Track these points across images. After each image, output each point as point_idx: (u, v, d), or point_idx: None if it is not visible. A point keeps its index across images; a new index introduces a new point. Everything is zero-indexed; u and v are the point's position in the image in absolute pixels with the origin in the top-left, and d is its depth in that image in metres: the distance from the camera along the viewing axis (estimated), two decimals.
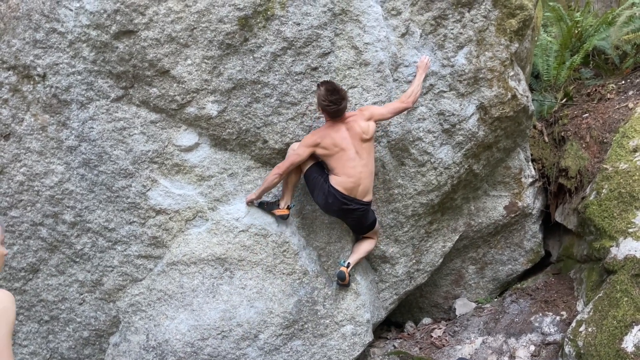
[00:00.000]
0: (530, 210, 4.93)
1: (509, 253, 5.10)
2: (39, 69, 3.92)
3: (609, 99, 5.26)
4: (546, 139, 5.15)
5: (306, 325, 4.23)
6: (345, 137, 3.81)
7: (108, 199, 4.15)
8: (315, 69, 3.96)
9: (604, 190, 4.11)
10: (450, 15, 4.01)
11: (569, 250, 4.70)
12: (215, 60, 3.88)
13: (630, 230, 3.69)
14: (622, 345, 3.14)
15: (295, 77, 3.96)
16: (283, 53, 3.90)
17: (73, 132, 4.03)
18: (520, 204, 4.87)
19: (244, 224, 4.17)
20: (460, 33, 4.05)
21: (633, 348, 3.08)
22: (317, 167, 3.93)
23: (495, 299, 4.96)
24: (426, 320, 5.18)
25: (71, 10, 3.79)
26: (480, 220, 4.89)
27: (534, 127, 5.48)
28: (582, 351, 3.44)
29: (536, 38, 7.36)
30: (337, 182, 3.86)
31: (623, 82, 5.55)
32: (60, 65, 3.92)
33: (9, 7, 3.89)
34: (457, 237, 4.86)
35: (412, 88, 3.91)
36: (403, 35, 4.01)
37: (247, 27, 3.83)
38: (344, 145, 3.81)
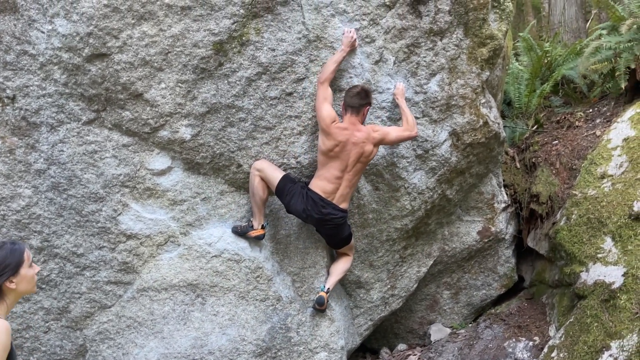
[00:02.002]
0: (503, 236, 4.98)
1: (483, 278, 5.12)
2: (8, 91, 3.86)
3: (577, 126, 5.40)
4: (518, 165, 5.24)
5: (279, 353, 4.15)
6: (350, 147, 3.82)
7: (77, 223, 4.06)
8: (290, 94, 3.98)
9: (573, 216, 4.19)
10: (423, 44, 4.08)
11: (541, 275, 4.75)
12: (190, 84, 3.87)
13: (599, 255, 3.75)
14: None
15: (270, 102, 3.97)
16: (258, 78, 3.92)
17: (42, 155, 3.95)
18: (493, 229, 4.92)
19: (216, 249, 4.11)
20: (433, 61, 4.12)
21: None
22: (288, 178, 3.93)
23: (470, 325, 4.96)
24: (401, 347, 5.15)
25: (43, 32, 3.75)
26: (454, 245, 4.91)
27: (506, 153, 5.58)
28: None
29: (507, 67, 7.56)
30: (317, 185, 3.89)
31: (591, 110, 5.71)
32: (31, 88, 3.86)
33: None
34: (432, 262, 4.87)
35: (409, 117, 3.98)
36: (377, 62, 4.07)
37: (222, 52, 3.84)
38: (343, 155, 3.82)
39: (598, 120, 5.35)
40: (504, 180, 5.03)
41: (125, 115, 3.90)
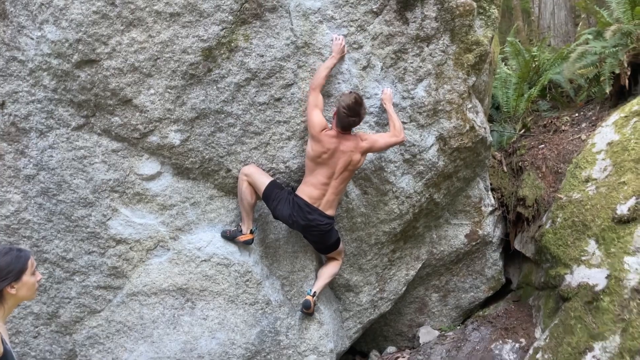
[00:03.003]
0: (490, 239, 5.03)
1: (471, 281, 5.17)
2: None
3: (563, 130, 5.47)
4: (505, 168, 5.30)
5: (269, 356, 4.18)
6: (338, 155, 3.85)
7: (67, 228, 4.07)
8: (278, 99, 4.02)
9: (558, 219, 4.25)
10: (410, 50, 4.13)
11: (528, 277, 4.81)
12: (179, 90, 3.90)
13: (583, 258, 3.81)
14: None
15: (259, 107, 4.01)
16: (247, 84, 3.95)
17: (31, 160, 3.96)
18: (480, 232, 4.97)
19: (206, 254, 4.13)
20: (420, 66, 4.17)
21: None
22: (276, 183, 3.97)
23: (458, 327, 5.00)
24: (391, 349, 5.18)
25: (32, 38, 3.77)
26: (442, 249, 4.96)
27: (494, 157, 5.64)
28: None
29: (495, 71, 7.64)
30: (303, 191, 3.93)
31: (577, 114, 5.78)
32: (20, 94, 3.88)
33: None
34: (420, 265, 4.91)
35: (396, 123, 4.01)
36: (364, 68, 4.11)
37: (210, 58, 3.87)
38: (331, 162, 3.85)
39: (584, 125, 5.43)
40: (491, 184, 5.09)
41: (114, 121, 3.92)
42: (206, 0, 3.78)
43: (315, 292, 4.13)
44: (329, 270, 4.25)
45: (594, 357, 3.17)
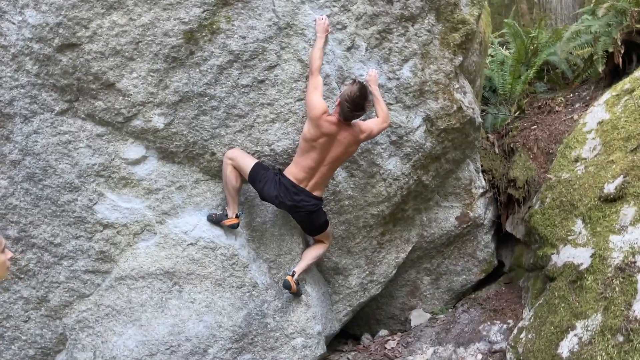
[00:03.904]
0: (481, 221, 5.00)
1: (463, 263, 5.15)
2: None
3: (557, 111, 5.41)
4: (497, 150, 5.25)
5: (256, 339, 4.19)
6: (333, 143, 3.79)
7: (53, 213, 4.09)
8: (262, 81, 3.99)
9: (547, 200, 4.20)
10: (395, 30, 4.09)
11: (519, 259, 4.78)
12: (161, 73, 3.88)
13: (569, 237, 3.77)
14: (558, 351, 3.19)
15: (242, 90, 3.99)
16: (229, 66, 3.93)
17: (17, 145, 3.97)
18: (471, 214, 4.94)
19: (192, 237, 4.14)
20: (405, 47, 4.13)
21: (568, 353, 3.12)
22: (261, 165, 3.95)
23: (450, 310, 4.99)
24: (382, 332, 5.19)
25: (14, 23, 3.76)
26: (432, 231, 4.94)
27: (487, 139, 5.59)
28: (521, 357, 3.48)
29: (493, 54, 7.55)
30: (290, 171, 3.90)
31: (571, 95, 5.71)
32: (4, 79, 3.88)
33: None
34: (410, 248, 4.89)
35: (383, 106, 3.94)
36: (349, 48, 4.08)
37: (192, 41, 3.85)
38: (324, 148, 3.80)
39: (577, 105, 5.36)
40: (482, 166, 5.05)
41: (98, 105, 3.92)
42: None
43: (294, 271, 4.12)
44: (313, 253, 4.24)
45: (575, 335, 3.14)
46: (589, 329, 3.10)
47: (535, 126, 5.22)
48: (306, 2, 3.93)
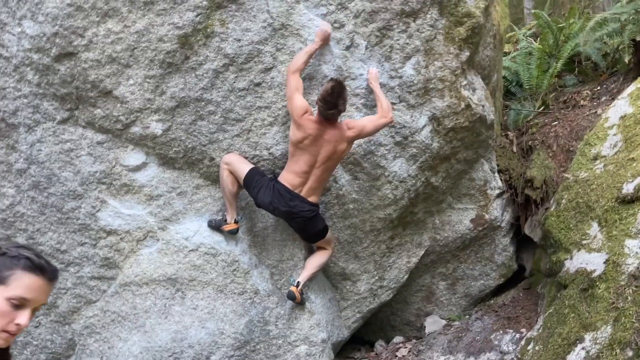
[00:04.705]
0: (498, 223, 4.75)
1: (480, 268, 4.92)
2: None
3: (581, 105, 5.09)
4: (515, 148, 4.98)
5: (258, 346, 4.12)
6: (321, 143, 3.71)
7: (59, 220, 4.15)
8: (258, 84, 3.92)
9: (563, 201, 3.94)
10: (395, 26, 3.92)
11: (538, 264, 4.51)
12: (158, 79, 3.86)
13: (584, 242, 3.50)
14: None
15: (239, 94, 3.92)
16: (225, 70, 3.87)
17: (22, 155, 4.05)
18: (487, 216, 4.70)
19: (193, 244, 4.11)
20: (407, 43, 3.96)
21: None
22: (257, 170, 3.88)
23: (467, 316, 4.77)
24: (397, 339, 5.01)
25: (14, 35, 3.84)
26: (446, 235, 4.73)
27: (506, 136, 5.33)
28: None
29: (521, 45, 7.21)
30: (284, 177, 3.83)
31: (598, 88, 5.37)
32: (7, 90, 3.96)
33: None
34: (423, 252, 4.71)
35: (384, 102, 3.82)
36: (348, 47, 3.94)
37: (187, 45, 3.81)
38: (313, 149, 3.71)
39: (603, 99, 5.03)
40: (498, 166, 4.79)
41: (97, 113, 3.94)
42: None
43: (298, 282, 4.02)
44: (315, 261, 4.13)
45: (583, 348, 2.90)
46: (597, 341, 2.85)
47: (556, 122, 4.92)
48: (301, 1, 3.83)
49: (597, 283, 3.13)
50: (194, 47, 3.82)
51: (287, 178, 3.82)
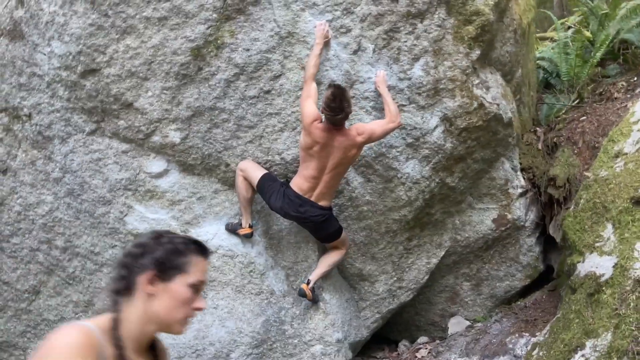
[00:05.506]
0: (522, 223, 4.63)
1: (505, 268, 4.81)
2: (25, 110, 4.33)
3: (615, 98, 4.84)
4: (540, 145, 4.82)
5: (275, 345, 4.26)
6: (330, 149, 3.77)
7: (92, 225, 4.46)
8: (268, 92, 4.04)
9: (581, 201, 3.79)
10: (402, 28, 3.92)
11: (562, 265, 4.36)
12: (174, 91, 4.07)
13: (597, 244, 3.36)
14: None
15: (250, 101, 4.06)
16: (236, 79, 4.02)
17: (57, 164, 4.38)
18: (509, 216, 4.59)
19: (212, 246, 4.29)
20: (415, 45, 3.94)
21: None
22: (269, 176, 3.99)
23: (489, 318, 4.69)
24: (422, 339, 5.00)
25: (44, 54, 4.15)
26: (467, 235, 4.66)
27: (534, 132, 5.16)
28: None
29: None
30: (295, 182, 3.92)
31: (635, 78, 5.08)
32: (42, 105, 4.30)
33: None
34: (443, 253, 4.66)
35: (392, 107, 3.84)
36: (355, 52, 3.98)
37: (200, 57, 3.99)
38: (322, 155, 3.78)
39: (638, 90, 4.76)
40: (521, 164, 4.66)
41: (120, 124, 4.20)
42: (190, 1, 3.89)
43: (310, 280, 4.11)
44: (328, 260, 4.20)
45: (583, 356, 2.80)
46: (597, 349, 2.75)
47: (584, 117, 4.72)
48: (306, 9, 3.90)
49: (604, 288, 3.01)
50: (206, 58, 3.99)
51: (298, 183, 3.91)
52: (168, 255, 1.47)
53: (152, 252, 1.47)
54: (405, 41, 3.95)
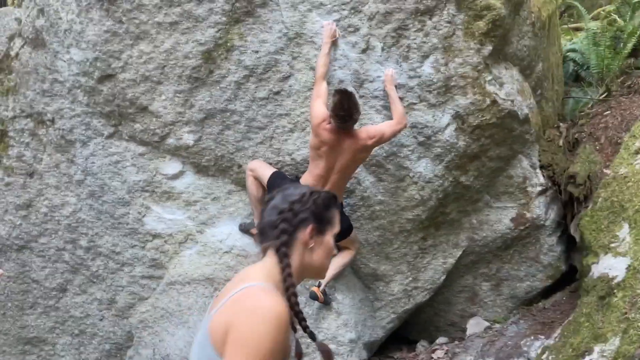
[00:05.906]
0: (542, 222, 4.49)
1: (526, 269, 4.68)
2: (48, 115, 4.51)
3: None
4: (561, 142, 4.66)
5: None
6: (338, 151, 3.78)
7: (112, 225, 4.60)
8: (277, 93, 4.06)
9: (599, 199, 3.65)
10: (411, 25, 3.87)
11: (583, 266, 4.21)
12: (186, 94, 4.15)
13: (612, 245, 3.23)
14: None
15: (260, 103, 4.09)
16: (246, 81, 4.06)
17: (79, 167, 4.54)
18: (528, 215, 4.46)
19: (227, 246, 4.36)
20: (424, 42, 3.89)
21: None
22: (279, 174, 4.01)
23: (508, 319, 4.58)
24: (440, 340, 4.93)
25: (64, 61, 4.31)
26: (484, 234, 4.56)
27: (557, 128, 5.00)
28: None
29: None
30: (304, 180, 3.91)
31: None
32: (64, 110, 4.46)
33: (21, 64, 4.53)
34: (460, 253, 4.58)
35: (399, 107, 3.82)
36: (364, 51, 3.95)
37: (210, 60, 4.05)
38: (330, 156, 3.78)
39: None
40: (540, 161, 4.52)
41: (136, 127, 4.32)
42: (200, 5, 3.96)
43: (320, 282, 4.11)
44: (339, 260, 4.18)
45: None
46: (604, 354, 2.65)
47: (608, 111, 4.54)
48: (313, 9, 3.90)
49: (615, 291, 2.90)
50: (217, 61, 4.05)
51: (307, 181, 3.92)
52: (322, 210, 1.58)
53: (310, 208, 1.56)
54: (415, 39, 3.90)
